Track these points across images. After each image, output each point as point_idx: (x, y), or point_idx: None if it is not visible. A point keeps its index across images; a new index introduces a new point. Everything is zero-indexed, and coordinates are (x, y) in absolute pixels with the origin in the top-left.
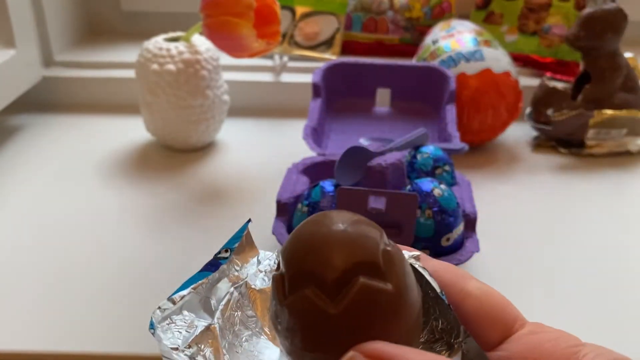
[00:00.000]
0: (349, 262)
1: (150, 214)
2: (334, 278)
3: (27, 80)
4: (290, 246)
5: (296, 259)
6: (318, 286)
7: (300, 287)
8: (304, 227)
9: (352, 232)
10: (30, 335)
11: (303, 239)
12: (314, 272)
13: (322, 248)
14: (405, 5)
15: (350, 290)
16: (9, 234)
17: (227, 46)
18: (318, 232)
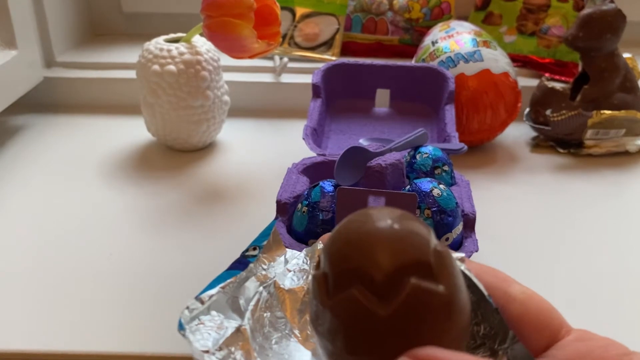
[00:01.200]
0: (399, 261)
1: (150, 214)
2: (384, 277)
3: (28, 81)
4: (335, 243)
5: (342, 257)
6: (366, 285)
7: (346, 287)
8: (349, 223)
9: (402, 229)
10: (30, 335)
11: (349, 236)
12: (361, 270)
13: (371, 245)
14: (405, 6)
15: (402, 291)
16: (10, 234)
17: (228, 47)
18: (365, 228)
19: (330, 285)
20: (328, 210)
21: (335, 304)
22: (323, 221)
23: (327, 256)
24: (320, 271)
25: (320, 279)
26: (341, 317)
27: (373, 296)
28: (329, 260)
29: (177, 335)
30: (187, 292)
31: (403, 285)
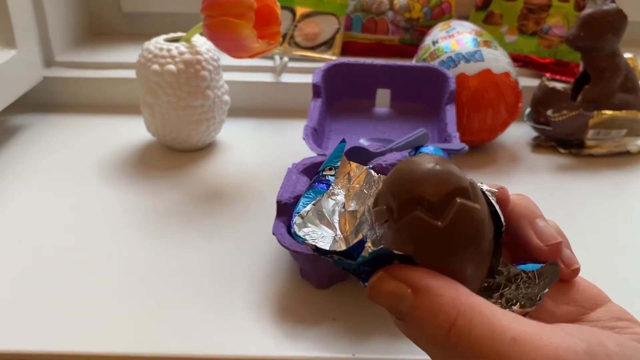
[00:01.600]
0: (448, 188)
1: (150, 214)
2: (438, 200)
3: (27, 81)
4: (394, 182)
5: (403, 190)
6: (425, 208)
7: (409, 212)
8: (403, 167)
9: (445, 167)
10: (30, 335)
11: (407, 175)
12: (421, 197)
13: (425, 179)
14: (405, 5)
15: (452, 207)
16: (9, 234)
17: (228, 47)
18: (418, 168)
19: (395, 213)
20: None
21: (404, 224)
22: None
23: (389, 192)
24: (381, 207)
25: (383, 212)
26: (410, 232)
27: (431, 214)
28: (392, 194)
29: (176, 336)
30: (187, 292)
31: (452, 204)
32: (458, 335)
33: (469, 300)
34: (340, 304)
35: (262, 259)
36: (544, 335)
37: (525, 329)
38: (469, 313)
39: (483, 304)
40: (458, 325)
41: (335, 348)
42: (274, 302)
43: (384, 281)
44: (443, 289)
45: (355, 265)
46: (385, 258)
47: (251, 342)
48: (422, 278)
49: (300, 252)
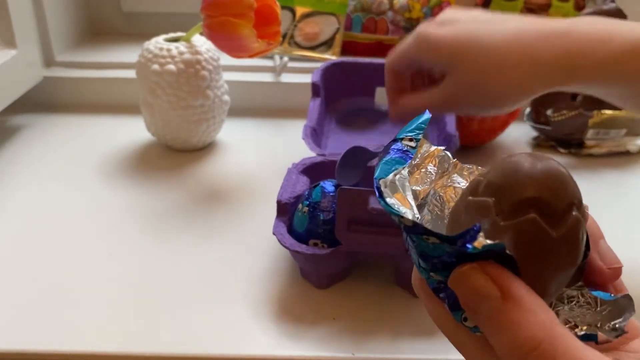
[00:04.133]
0: (569, 198)
1: (150, 214)
2: (558, 209)
3: (27, 81)
4: (512, 177)
5: (521, 188)
6: (542, 213)
7: (523, 212)
8: (521, 162)
9: (565, 173)
10: (29, 335)
11: (525, 172)
12: (540, 201)
13: (546, 182)
14: (405, 5)
15: (569, 220)
16: (9, 234)
17: (228, 46)
18: (537, 168)
19: (506, 210)
20: (329, 211)
21: (515, 225)
22: (324, 221)
23: (500, 186)
24: (489, 199)
25: (492, 204)
26: (520, 236)
27: (546, 221)
28: (505, 189)
29: (176, 335)
30: (187, 292)
31: (569, 216)
32: (538, 358)
33: (558, 329)
34: (340, 304)
35: (262, 259)
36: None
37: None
38: (556, 342)
39: (571, 337)
40: (541, 349)
41: (335, 348)
42: (274, 302)
43: (476, 274)
44: (538, 308)
45: (444, 252)
46: (484, 255)
47: (251, 342)
48: (519, 288)
49: (300, 252)
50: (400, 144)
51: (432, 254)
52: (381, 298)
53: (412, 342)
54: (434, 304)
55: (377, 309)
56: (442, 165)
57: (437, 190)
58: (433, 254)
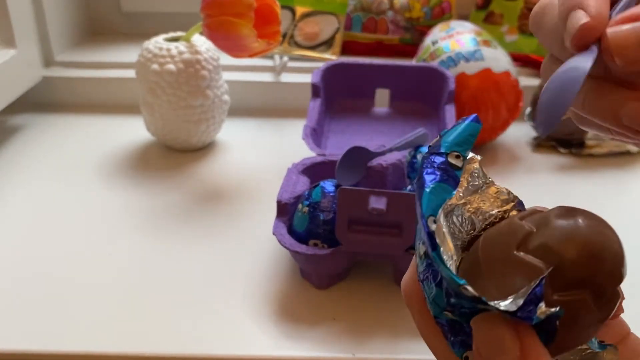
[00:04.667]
0: (622, 278)
1: (150, 214)
2: (610, 291)
3: (27, 80)
4: (571, 249)
5: (580, 266)
6: (594, 294)
7: (576, 289)
8: (583, 232)
9: (621, 250)
10: (29, 335)
11: (588, 247)
12: (596, 283)
13: (610, 263)
14: (405, 5)
15: (614, 301)
16: (9, 234)
17: (227, 46)
18: (603, 243)
19: (558, 284)
20: (329, 211)
21: (565, 301)
22: (324, 221)
23: (558, 257)
24: (543, 267)
25: (547, 275)
26: (567, 311)
27: (594, 300)
28: (562, 262)
29: (176, 336)
30: (187, 292)
31: (615, 296)
32: None
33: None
34: (340, 304)
35: (262, 259)
36: None
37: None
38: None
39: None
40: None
41: (335, 348)
42: (274, 302)
43: (506, 325)
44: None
45: (475, 307)
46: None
47: (251, 342)
48: (539, 356)
49: (300, 252)
50: (445, 159)
51: (462, 304)
52: (381, 298)
53: (412, 342)
54: (427, 324)
55: (377, 309)
56: (474, 180)
57: (462, 208)
58: (462, 304)
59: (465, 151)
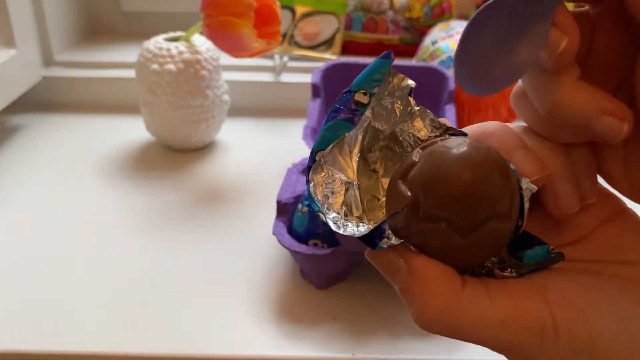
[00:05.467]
0: (491, 210)
1: (150, 214)
2: (474, 221)
3: (27, 80)
4: (434, 177)
5: (439, 195)
6: (452, 224)
7: (436, 220)
8: (446, 158)
9: (495, 180)
10: (29, 335)
11: (446, 173)
12: (454, 215)
13: (472, 190)
14: (405, 5)
15: (484, 231)
16: (9, 234)
17: (227, 46)
18: (464, 172)
19: (421, 214)
20: None
21: (424, 230)
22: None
23: (422, 185)
24: (409, 195)
25: (409, 204)
26: (428, 240)
27: (460, 230)
28: (424, 190)
29: (176, 336)
30: (187, 292)
31: (484, 227)
32: (445, 329)
33: (463, 295)
34: (340, 304)
35: (262, 259)
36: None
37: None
38: (460, 310)
39: (477, 296)
40: (445, 321)
41: (335, 348)
42: (274, 302)
43: (384, 253)
44: (440, 279)
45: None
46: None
47: (251, 342)
48: (422, 261)
49: (300, 252)
50: (350, 97)
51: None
52: (381, 298)
53: (412, 342)
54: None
55: (377, 310)
56: (405, 108)
57: (397, 133)
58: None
59: (372, 88)
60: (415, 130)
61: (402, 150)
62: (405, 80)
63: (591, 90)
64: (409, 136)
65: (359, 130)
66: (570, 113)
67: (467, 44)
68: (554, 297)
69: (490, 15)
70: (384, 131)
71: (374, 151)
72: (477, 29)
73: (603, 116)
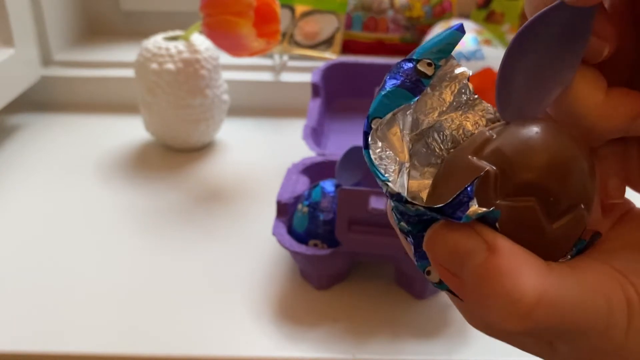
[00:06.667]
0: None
1: (149, 214)
2: (564, 204)
3: (25, 80)
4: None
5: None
6: (542, 203)
7: (524, 196)
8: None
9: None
10: (29, 335)
11: (540, 150)
12: (546, 190)
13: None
14: (406, 4)
15: (571, 217)
16: (8, 234)
17: (227, 45)
18: (560, 148)
19: (506, 188)
20: (329, 211)
21: (510, 207)
22: (324, 221)
23: (507, 159)
24: (491, 168)
25: (492, 177)
26: (512, 219)
27: (545, 211)
28: (511, 165)
29: (176, 337)
30: (187, 292)
31: (571, 213)
32: (545, 309)
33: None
34: (341, 305)
35: (262, 260)
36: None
37: None
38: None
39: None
40: (546, 299)
41: (336, 349)
42: (274, 303)
43: (458, 227)
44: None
45: (425, 213)
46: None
47: (251, 343)
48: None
49: (300, 253)
50: (413, 66)
51: (410, 213)
52: (382, 299)
53: (412, 343)
54: (402, 240)
55: (377, 310)
56: (459, 95)
57: (444, 125)
58: (411, 214)
59: (439, 59)
60: (466, 122)
61: (433, 149)
62: (459, 67)
63: (622, 95)
64: (454, 129)
65: (407, 111)
66: (609, 129)
67: (507, 70)
68: (624, 270)
69: (531, 37)
70: (423, 121)
71: (410, 142)
72: (517, 53)
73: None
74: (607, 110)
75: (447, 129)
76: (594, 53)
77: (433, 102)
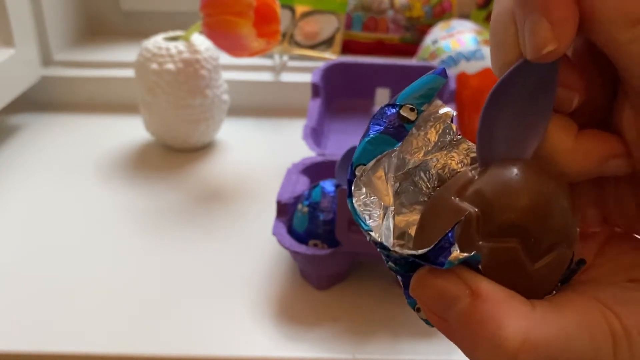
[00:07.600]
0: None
1: (149, 214)
2: (545, 244)
3: (25, 80)
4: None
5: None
6: (524, 244)
7: (505, 237)
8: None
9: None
10: (29, 335)
11: (518, 191)
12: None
13: (545, 210)
14: (406, 4)
15: (553, 256)
16: (8, 234)
17: (227, 45)
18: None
19: (487, 230)
20: (329, 211)
21: (492, 248)
22: (324, 222)
23: (488, 201)
24: (473, 210)
25: (474, 219)
26: (493, 260)
27: (529, 253)
28: (491, 207)
29: (176, 337)
30: (187, 293)
31: (553, 252)
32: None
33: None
34: (341, 305)
35: (262, 260)
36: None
37: None
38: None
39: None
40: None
41: (336, 349)
42: (274, 303)
43: (441, 274)
44: (511, 298)
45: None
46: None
47: (251, 343)
48: (487, 284)
49: (300, 253)
50: (396, 111)
51: (396, 257)
52: (381, 299)
53: (412, 343)
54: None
55: (377, 310)
56: (444, 135)
57: (430, 164)
58: (397, 257)
59: (421, 105)
60: (451, 161)
61: (420, 188)
62: (442, 107)
63: (592, 139)
64: (440, 168)
65: (392, 154)
66: (581, 173)
67: (485, 129)
68: (608, 302)
69: (503, 95)
70: (409, 161)
71: (397, 181)
72: (494, 111)
73: (610, 161)
74: (577, 156)
75: (432, 168)
76: (565, 103)
77: (419, 142)
